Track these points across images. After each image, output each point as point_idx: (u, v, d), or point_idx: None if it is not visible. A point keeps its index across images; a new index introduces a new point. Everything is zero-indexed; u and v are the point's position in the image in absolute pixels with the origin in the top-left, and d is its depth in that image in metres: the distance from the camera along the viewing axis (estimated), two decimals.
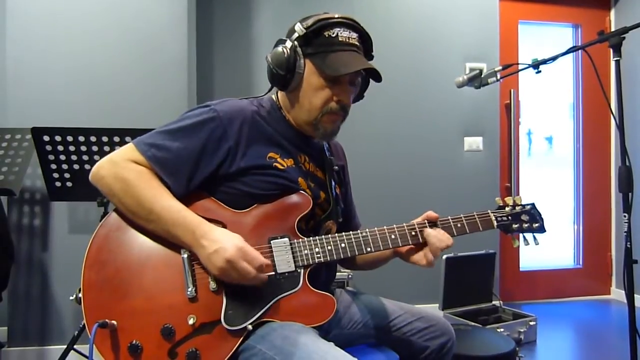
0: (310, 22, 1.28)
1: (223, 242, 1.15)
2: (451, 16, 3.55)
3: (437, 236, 1.32)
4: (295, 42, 1.29)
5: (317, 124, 1.33)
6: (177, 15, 2.80)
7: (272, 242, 1.25)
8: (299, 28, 1.28)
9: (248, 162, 1.27)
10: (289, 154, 1.34)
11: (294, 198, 1.29)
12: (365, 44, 1.35)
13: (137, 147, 1.23)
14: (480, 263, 3.22)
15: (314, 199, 1.31)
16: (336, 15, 1.30)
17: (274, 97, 1.42)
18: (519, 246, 1.39)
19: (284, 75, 1.29)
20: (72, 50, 2.69)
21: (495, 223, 1.37)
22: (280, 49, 1.30)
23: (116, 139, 2.17)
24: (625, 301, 1.73)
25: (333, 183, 1.44)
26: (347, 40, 1.29)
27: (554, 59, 1.90)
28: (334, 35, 1.28)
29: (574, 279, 3.99)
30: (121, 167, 1.21)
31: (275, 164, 1.30)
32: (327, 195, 1.40)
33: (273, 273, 1.22)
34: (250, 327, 1.17)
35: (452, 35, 3.55)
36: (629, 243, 1.73)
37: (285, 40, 1.30)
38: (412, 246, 1.36)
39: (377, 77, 1.33)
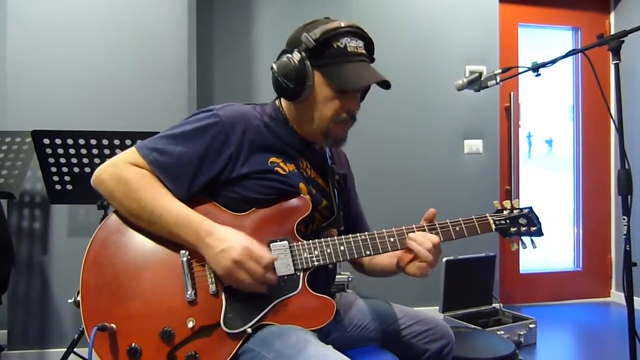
0: (317, 33, 1.26)
1: (230, 241, 1.16)
2: (451, 19, 3.56)
3: (418, 239, 1.28)
4: (303, 54, 1.27)
5: (328, 132, 1.33)
6: (177, 18, 2.81)
7: (271, 245, 1.24)
8: (307, 39, 1.26)
9: (249, 167, 1.27)
10: (290, 160, 1.35)
11: (293, 201, 1.29)
12: (370, 49, 1.35)
13: (138, 151, 1.24)
14: (480, 266, 3.22)
15: (314, 204, 1.31)
16: (342, 24, 1.28)
17: (277, 102, 1.42)
18: (517, 249, 1.39)
19: (294, 88, 1.28)
20: (73, 53, 2.69)
21: (493, 226, 1.37)
22: (287, 60, 1.28)
23: (116, 141, 2.17)
24: (625, 304, 1.73)
25: (336, 192, 1.44)
26: (356, 50, 1.29)
27: (553, 62, 1.90)
28: (342, 46, 1.28)
29: (573, 281, 3.98)
30: (122, 170, 1.22)
31: (276, 168, 1.30)
32: (329, 202, 1.41)
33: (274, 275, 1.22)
34: (249, 330, 1.18)
35: (452, 38, 3.56)
36: (628, 246, 1.73)
37: (292, 51, 1.29)
38: (411, 257, 1.34)
39: (387, 86, 1.33)
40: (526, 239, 1.39)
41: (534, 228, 1.39)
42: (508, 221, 1.38)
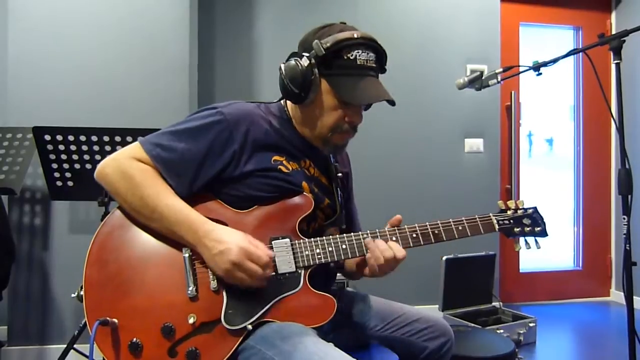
0: (329, 42, 1.25)
1: (228, 243, 1.16)
2: (452, 18, 3.56)
3: (381, 246, 1.28)
4: (313, 61, 1.26)
5: (328, 140, 1.34)
6: (178, 15, 2.81)
7: (273, 242, 1.25)
8: (318, 47, 1.25)
9: (252, 165, 1.27)
10: (293, 158, 1.35)
11: (295, 199, 1.30)
12: (381, 61, 1.35)
13: (142, 146, 1.24)
14: (480, 264, 3.22)
15: (316, 202, 1.32)
16: (355, 35, 1.27)
17: (282, 102, 1.42)
18: (520, 249, 1.39)
19: (298, 93, 1.28)
20: (74, 50, 2.69)
21: (496, 226, 1.37)
22: (296, 64, 1.27)
23: (117, 138, 2.17)
24: (625, 303, 1.73)
25: (339, 191, 1.45)
26: (365, 63, 1.28)
27: (554, 61, 1.90)
28: (352, 58, 1.26)
29: (573, 280, 3.99)
30: (126, 165, 1.22)
31: (280, 166, 1.31)
32: (332, 201, 1.41)
33: (274, 273, 1.23)
34: (250, 327, 1.18)
35: (453, 37, 3.56)
36: (628, 245, 1.73)
37: (302, 56, 1.28)
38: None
39: (392, 104, 1.32)
40: (530, 240, 1.39)
41: (539, 228, 1.38)
42: (512, 221, 1.38)
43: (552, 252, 4.14)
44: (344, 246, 1.29)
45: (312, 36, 1.30)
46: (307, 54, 1.27)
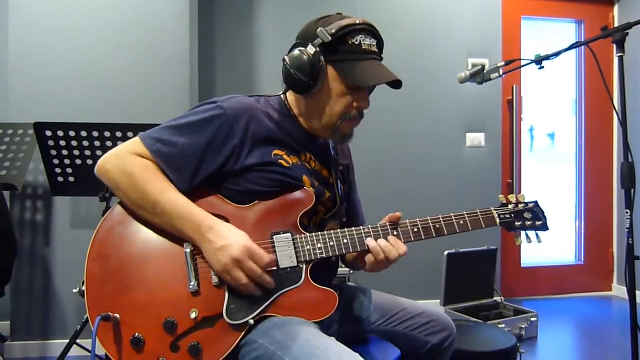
0: (333, 28, 1.26)
1: (230, 239, 1.16)
2: (454, 11, 3.54)
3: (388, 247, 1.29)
4: (318, 48, 1.26)
5: (336, 128, 1.34)
6: (178, 10, 2.80)
7: (274, 237, 1.25)
8: (323, 34, 1.25)
9: (253, 159, 1.27)
10: (293, 152, 1.35)
11: (296, 194, 1.29)
12: (380, 48, 1.35)
13: (142, 141, 1.24)
14: (481, 259, 3.22)
15: (317, 196, 1.31)
16: (357, 21, 1.28)
17: (282, 96, 1.41)
18: (521, 243, 1.39)
19: (306, 81, 1.27)
20: (75, 45, 2.69)
21: (497, 220, 1.37)
22: (302, 53, 1.27)
23: (118, 134, 2.17)
24: (627, 297, 1.73)
25: (339, 183, 1.44)
26: (370, 47, 1.29)
27: (556, 54, 1.88)
28: (357, 43, 1.27)
29: (575, 275, 3.99)
30: (126, 161, 1.22)
31: (280, 160, 1.30)
32: (332, 194, 1.41)
33: (275, 268, 1.22)
34: (251, 321, 1.18)
35: (455, 30, 3.54)
36: (630, 239, 1.72)
37: (306, 45, 1.27)
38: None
39: (398, 85, 1.32)
40: (531, 233, 1.39)
41: (539, 222, 1.38)
42: (512, 215, 1.38)
43: (554, 246, 4.14)
44: (344, 240, 1.29)
45: (313, 26, 1.30)
46: (312, 42, 1.27)
